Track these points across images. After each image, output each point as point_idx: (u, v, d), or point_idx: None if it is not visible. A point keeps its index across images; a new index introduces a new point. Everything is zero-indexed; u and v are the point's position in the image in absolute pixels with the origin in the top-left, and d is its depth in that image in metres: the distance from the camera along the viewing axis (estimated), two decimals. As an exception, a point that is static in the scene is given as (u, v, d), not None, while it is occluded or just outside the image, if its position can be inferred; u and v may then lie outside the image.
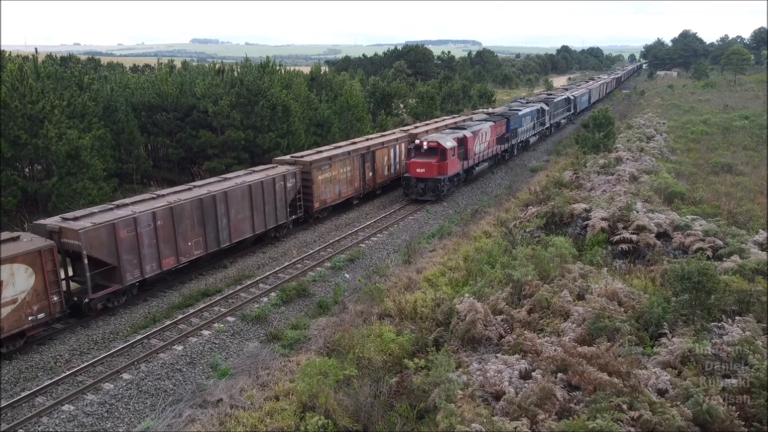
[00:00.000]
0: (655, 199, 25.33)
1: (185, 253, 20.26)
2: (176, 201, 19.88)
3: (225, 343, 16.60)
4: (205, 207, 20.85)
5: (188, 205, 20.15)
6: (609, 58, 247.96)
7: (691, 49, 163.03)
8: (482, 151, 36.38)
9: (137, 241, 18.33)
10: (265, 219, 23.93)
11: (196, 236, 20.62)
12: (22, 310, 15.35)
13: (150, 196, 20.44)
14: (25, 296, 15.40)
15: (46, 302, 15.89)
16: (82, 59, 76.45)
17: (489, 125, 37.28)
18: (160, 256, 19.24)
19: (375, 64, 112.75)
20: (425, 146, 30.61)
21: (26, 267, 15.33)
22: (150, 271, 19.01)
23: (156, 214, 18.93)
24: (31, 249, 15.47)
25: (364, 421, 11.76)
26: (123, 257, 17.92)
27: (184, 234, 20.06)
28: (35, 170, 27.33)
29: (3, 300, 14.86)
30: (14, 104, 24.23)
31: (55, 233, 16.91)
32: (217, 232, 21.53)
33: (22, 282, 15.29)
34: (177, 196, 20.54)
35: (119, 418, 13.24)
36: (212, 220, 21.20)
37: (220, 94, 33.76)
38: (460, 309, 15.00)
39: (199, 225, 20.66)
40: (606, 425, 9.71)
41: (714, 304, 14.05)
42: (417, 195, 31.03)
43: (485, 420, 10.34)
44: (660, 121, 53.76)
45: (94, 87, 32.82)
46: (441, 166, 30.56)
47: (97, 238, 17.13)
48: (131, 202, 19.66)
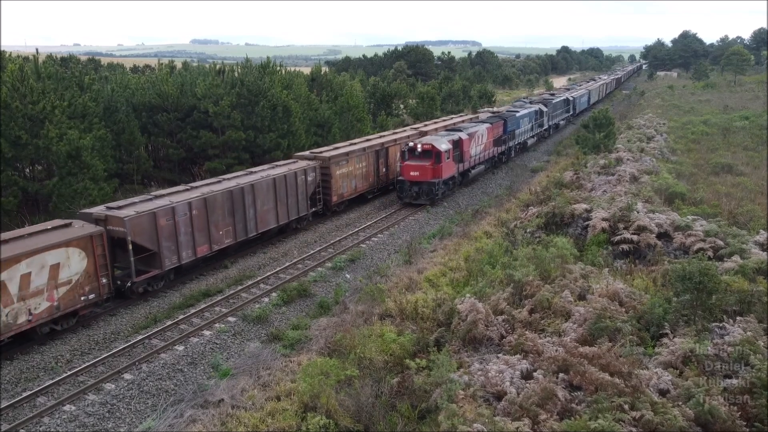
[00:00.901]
0: (656, 199, 25.33)
1: (217, 241, 21.51)
2: (209, 192, 21.17)
3: (226, 343, 16.61)
4: (235, 198, 22.07)
5: (220, 197, 21.39)
6: (609, 58, 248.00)
7: (691, 50, 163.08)
8: (478, 154, 35.76)
9: (175, 229, 19.55)
10: (288, 211, 25.24)
11: (226, 225, 21.86)
12: (75, 291, 16.65)
13: (185, 188, 21.71)
14: (78, 278, 16.68)
15: (96, 284, 17.23)
16: (83, 60, 76.49)
17: (485, 127, 36.63)
18: (194, 244, 20.47)
19: (375, 65, 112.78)
20: (419, 149, 29.86)
21: (80, 251, 16.64)
22: (186, 258, 20.22)
23: (191, 204, 20.18)
24: (84, 234, 16.78)
25: (365, 421, 11.75)
26: (162, 244, 19.13)
27: (216, 223, 21.32)
28: (36, 170, 27.32)
29: (60, 280, 16.11)
30: (15, 104, 24.23)
31: (101, 221, 18.04)
32: (245, 222, 22.76)
33: (76, 264, 16.59)
34: (209, 187, 21.78)
35: (120, 418, 13.24)
36: (241, 211, 22.44)
37: (221, 94, 33.76)
38: (461, 309, 15.01)
39: (229, 215, 21.88)
40: (607, 425, 9.71)
41: (715, 304, 14.05)
42: (411, 199, 30.36)
43: (487, 420, 10.34)
44: (660, 121, 53.76)
45: (95, 87, 32.81)
46: (435, 169, 29.87)
47: (140, 225, 18.32)
48: (167, 192, 20.99)
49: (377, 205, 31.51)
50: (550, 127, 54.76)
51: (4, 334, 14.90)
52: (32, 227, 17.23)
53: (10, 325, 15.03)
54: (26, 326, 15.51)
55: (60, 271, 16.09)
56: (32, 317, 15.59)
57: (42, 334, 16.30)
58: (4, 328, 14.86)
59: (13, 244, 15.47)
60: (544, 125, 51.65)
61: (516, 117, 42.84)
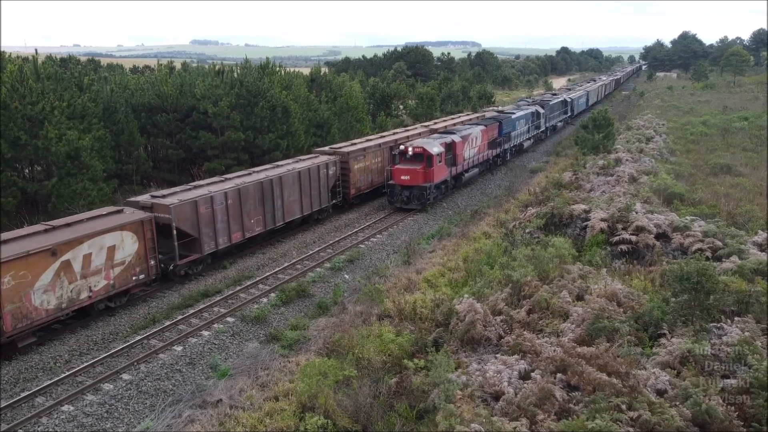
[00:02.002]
0: (655, 199, 25.36)
1: (249, 229, 23.08)
2: (242, 183, 22.70)
3: (224, 343, 16.61)
4: (265, 189, 23.68)
5: (252, 188, 22.96)
6: (608, 59, 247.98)
7: (690, 51, 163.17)
8: (472, 157, 35.02)
9: (213, 216, 21.12)
10: (311, 202, 26.88)
11: (257, 215, 23.45)
12: (128, 271, 18.32)
13: (220, 179, 23.39)
14: (130, 259, 18.31)
15: (145, 265, 18.83)
16: (82, 60, 76.45)
17: (480, 129, 35.95)
18: (230, 231, 22.02)
19: (375, 65, 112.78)
20: (410, 152, 29.18)
21: (132, 234, 18.25)
22: (222, 244, 21.77)
23: (227, 194, 21.70)
24: (136, 219, 18.41)
25: (363, 421, 11.77)
26: (202, 230, 20.73)
27: (248, 212, 22.87)
28: (35, 171, 27.31)
29: (115, 261, 17.75)
30: (14, 105, 24.24)
31: (147, 208, 19.51)
32: (274, 211, 24.35)
33: (129, 247, 18.21)
34: (242, 179, 23.33)
35: (119, 418, 13.24)
36: (270, 201, 24.03)
37: (220, 95, 33.77)
38: (460, 309, 15.03)
39: (259, 205, 23.46)
40: (605, 425, 9.72)
41: (713, 304, 14.06)
42: (402, 203, 29.69)
43: (484, 420, 10.36)
44: (659, 122, 53.80)
45: (94, 88, 32.81)
46: (427, 173, 29.10)
47: (183, 212, 19.88)
48: (205, 183, 22.70)
49: (376, 206, 31.49)
50: (547, 129, 53.90)
51: (68, 308, 16.53)
52: (88, 213, 18.92)
53: (74, 300, 16.71)
54: (87, 302, 17.16)
55: (115, 253, 17.78)
56: (92, 294, 17.27)
57: (98, 310, 17.93)
58: (68, 303, 16.50)
59: (75, 227, 17.10)
60: (540, 127, 50.79)
61: (512, 119, 42.11)
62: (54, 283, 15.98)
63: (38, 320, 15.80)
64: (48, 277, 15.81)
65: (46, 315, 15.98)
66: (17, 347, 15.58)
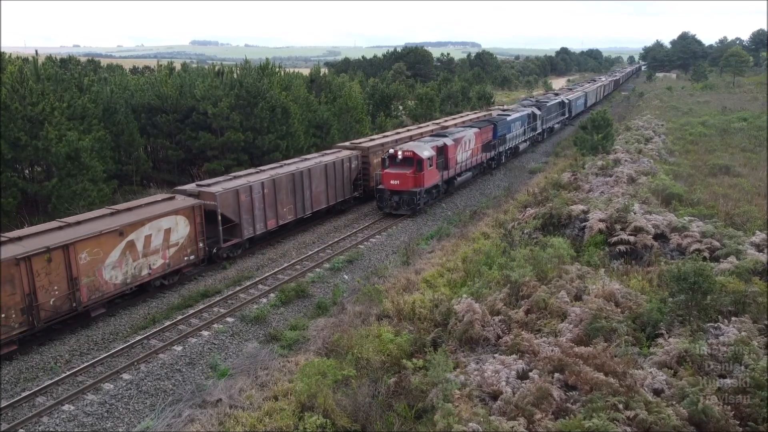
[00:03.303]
0: (653, 200, 25.41)
1: (282, 217, 25.07)
2: (276, 174, 24.65)
3: (224, 343, 16.68)
4: (296, 180, 25.62)
5: (284, 178, 24.93)
6: (608, 59, 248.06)
7: (690, 51, 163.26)
8: (465, 160, 34.24)
9: (252, 204, 22.98)
10: (336, 193, 28.84)
11: (289, 204, 25.41)
12: (180, 252, 20.12)
13: (255, 171, 25.35)
14: (183, 241, 20.06)
15: (195, 247, 20.62)
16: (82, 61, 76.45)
17: (473, 132, 35.21)
18: (266, 218, 24.00)
19: (374, 66, 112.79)
20: (400, 156, 28.39)
21: (184, 218, 20.01)
22: (259, 230, 23.70)
23: (264, 183, 23.64)
24: (188, 205, 20.21)
25: (362, 421, 11.83)
26: (243, 216, 22.60)
27: (281, 201, 24.86)
28: (35, 172, 27.36)
29: (170, 242, 19.50)
30: (14, 106, 24.30)
31: (194, 196, 21.25)
32: (303, 201, 26.28)
33: (182, 230, 19.99)
34: (275, 171, 25.29)
35: (119, 417, 13.31)
36: (300, 191, 25.97)
37: (220, 95, 33.82)
38: (458, 310, 15.09)
39: (291, 195, 25.38)
40: (602, 425, 9.79)
41: (710, 304, 14.14)
42: (391, 209, 28.90)
43: (482, 420, 10.42)
44: (658, 122, 53.85)
45: (94, 89, 32.85)
46: (417, 177, 28.37)
47: (227, 200, 21.78)
48: (244, 174, 24.74)
49: (374, 206, 31.42)
50: (544, 131, 52.97)
51: (131, 283, 18.42)
52: (144, 199, 20.87)
53: (136, 276, 18.57)
54: (146, 278, 18.99)
55: (171, 235, 19.54)
56: (151, 271, 19.09)
57: (154, 287, 19.77)
58: (131, 279, 18.38)
59: (136, 210, 19.06)
60: (537, 129, 49.85)
61: (507, 121, 41.24)
62: (121, 260, 17.93)
63: (107, 293, 17.73)
64: (116, 255, 17.76)
65: (114, 289, 17.92)
66: (90, 316, 17.49)
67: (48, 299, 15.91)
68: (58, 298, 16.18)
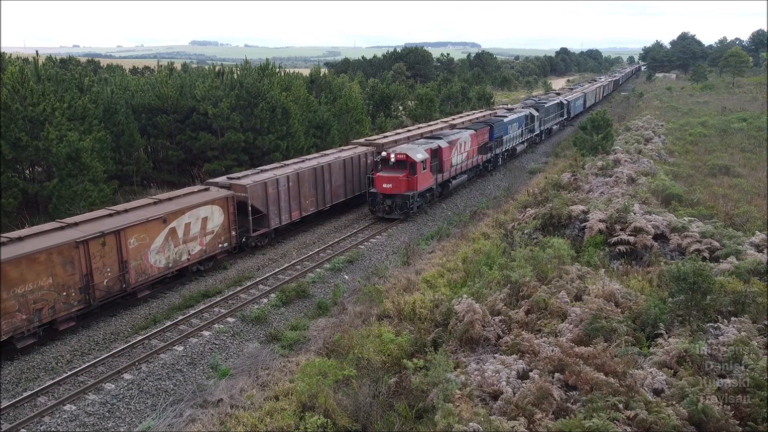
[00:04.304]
0: (653, 200, 25.46)
1: (305, 209, 26.42)
2: (299, 168, 26.00)
3: (225, 343, 16.71)
4: (317, 174, 26.92)
5: (307, 172, 26.25)
6: (608, 60, 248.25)
7: (689, 52, 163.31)
8: (460, 163, 33.58)
9: (278, 196, 24.40)
10: (353, 187, 30.13)
11: (311, 196, 26.72)
12: (216, 239, 21.54)
13: (280, 165, 26.75)
14: (218, 229, 21.49)
15: (228, 235, 22.01)
16: (82, 61, 76.49)
17: (469, 134, 34.56)
18: (290, 209, 25.37)
19: (374, 66, 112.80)
20: (392, 159, 27.71)
21: (219, 208, 21.42)
22: (284, 221, 25.16)
23: (289, 177, 24.99)
24: (222, 195, 21.61)
25: (363, 420, 11.87)
26: (270, 207, 24.02)
27: (304, 194, 26.16)
28: (36, 172, 27.39)
29: (207, 230, 20.95)
30: (15, 106, 24.33)
31: (226, 188, 22.53)
32: (324, 194, 27.57)
33: (217, 218, 21.37)
34: (298, 165, 26.68)
35: (120, 417, 13.34)
36: (321, 185, 27.26)
37: (220, 96, 33.85)
38: (459, 310, 15.13)
39: (312, 188, 26.69)
40: (602, 424, 9.83)
41: (710, 304, 14.18)
42: (383, 213, 28.34)
43: (483, 419, 10.46)
44: (658, 123, 53.89)
45: (95, 89, 32.88)
46: (410, 181, 27.73)
47: (256, 191, 23.20)
48: (270, 168, 25.99)
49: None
50: (542, 133, 52.24)
51: (173, 268, 19.80)
52: (182, 189, 22.41)
53: (177, 261, 19.99)
54: (185, 263, 20.40)
55: (207, 223, 20.90)
56: (190, 257, 20.49)
57: (192, 272, 21.19)
58: (173, 264, 19.77)
59: (176, 200, 20.47)
60: (535, 131, 48.97)
61: (503, 122, 40.55)
62: (164, 245, 19.29)
63: (152, 276, 19.10)
64: (160, 241, 19.11)
65: (158, 272, 19.29)
66: (137, 297, 18.97)
67: (102, 280, 17.33)
68: (111, 279, 17.63)
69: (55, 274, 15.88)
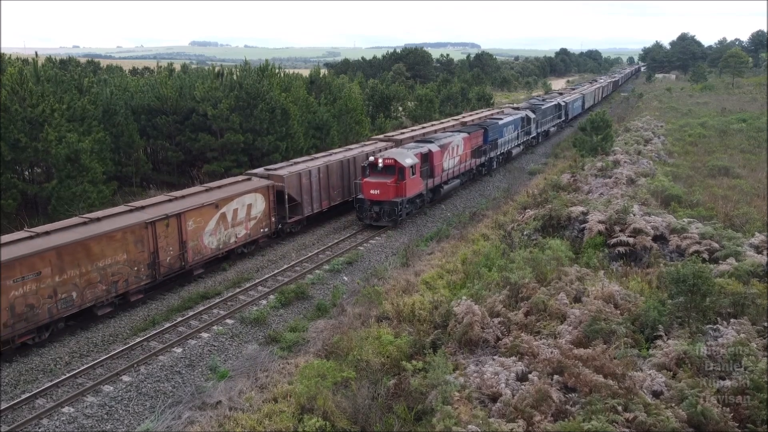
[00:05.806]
0: (652, 201, 25.45)
1: (332, 199, 28.44)
2: (329, 161, 28.15)
3: (224, 345, 16.69)
4: (344, 167, 28.97)
5: (335, 165, 28.33)
6: (608, 60, 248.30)
7: (689, 52, 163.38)
8: (453, 167, 32.47)
9: (310, 186, 26.35)
10: None
11: (337, 188, 28.68)
12: (258, 224, 23.67)
13: (309, 158, 28.83)
14: (260, 215, 23.60)
15: (268, 221, 24.17)
16: (82, 62, 76.46)
17: (462, 137, 33.48)
18: (321, 199, 27.33)
19: (374, 67, 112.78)
20: (381, 164, 26.60)
21: (261, 196, 23.53)
22: (315, 209, 27.10)
23: (320, 169, 27.01)
24: (264, 184, 23.77)
25: (361, 422, 11.86)
26: (303, 197, 26.02)
27: (332, 185, 28.14)
28: (35, 173, 27.36)
29: (251, 216, 23.05)
30: (14, 107, 24.31)
31: (265, 178, 24.55)
32: (349, 186, 29.38)
33: (260, 206, 23.49)
34: (326, 158, 28.70)
35: (119, 419, 13.32)
36: (347, 177, 29.25)
37: (220, 97, 33.83)
38: (458, 311, 15.12)
39: (339, 179, 28.69)
40: (601, 426, 9.82)
41: (709, 306, 14.18)
42: (371, 220, 27.15)
43: (481, 422, 10.45)
44: (658, 123, 53.90)
45: (94, 90, 32.85)
46: (399, 186, 26.62)
47: (292, 181, 25.17)
48: (302, 160, 28.05)
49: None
50: (539, 135, 51.07)
51: (222, 249, 21.95)
52: (228, 179, 24.35)
53: (226, 243, 22.12)
54: (233, 246, 22.52)
55: (251, 209, 22.96)
56: (236, 240, 22.61)
57: (238, 254, 23.31)
58: (222, 245, 21.91)
59: (224, 188, 22.52)
60: (531, 133, 47.63)
61: (498, 125, 39.34)
62: (216, 228, 21.40)
63: (206, 256, 21.26)
64: (213, 224, 21.23)
65: (210, 253, 21.43)
66: (193, 274, 21.10)
67: (165, 258, 19.40)
68: (172, 257, 19.74)
69: (129, 251, 17.99)
